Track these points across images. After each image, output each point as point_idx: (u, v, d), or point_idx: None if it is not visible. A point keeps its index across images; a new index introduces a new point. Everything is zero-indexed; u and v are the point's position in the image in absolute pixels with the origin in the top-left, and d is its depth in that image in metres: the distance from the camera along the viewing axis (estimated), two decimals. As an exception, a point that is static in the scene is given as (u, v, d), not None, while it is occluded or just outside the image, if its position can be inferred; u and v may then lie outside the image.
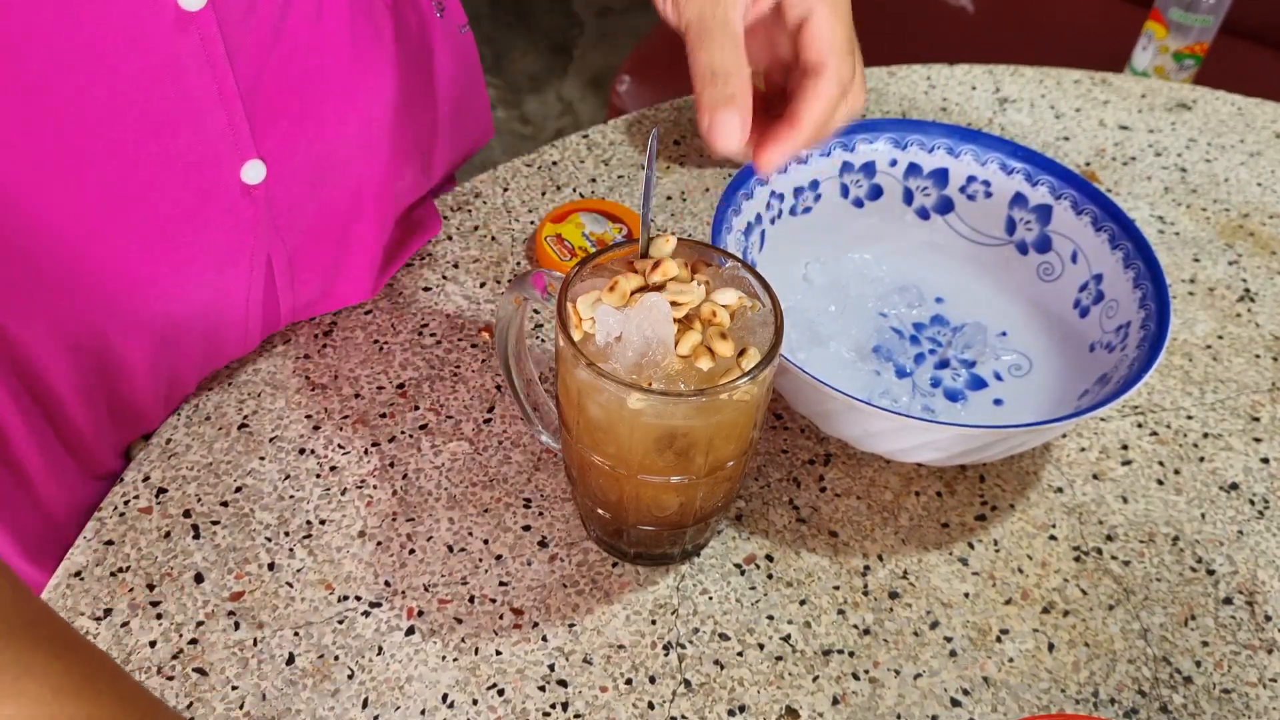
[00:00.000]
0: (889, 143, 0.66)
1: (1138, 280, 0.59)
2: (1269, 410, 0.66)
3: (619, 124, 0.80)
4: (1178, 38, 1.24)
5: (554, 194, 0.74)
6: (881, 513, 0.59)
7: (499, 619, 0.53)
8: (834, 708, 0.51)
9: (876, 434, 0.54)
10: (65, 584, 0.52)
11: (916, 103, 0.86)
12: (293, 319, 0.63)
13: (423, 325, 0.65)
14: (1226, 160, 0.83)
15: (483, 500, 0.57)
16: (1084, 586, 0.56)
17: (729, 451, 0.49)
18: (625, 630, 0.53)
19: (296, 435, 0.59)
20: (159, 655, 0.50)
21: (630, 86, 1.44)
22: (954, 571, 0.56)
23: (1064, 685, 0.53)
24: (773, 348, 0.46)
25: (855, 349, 0.63)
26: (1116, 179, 0.81)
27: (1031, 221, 0.65)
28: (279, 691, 0.49)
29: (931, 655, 0.53)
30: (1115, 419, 0.65)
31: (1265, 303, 0.72)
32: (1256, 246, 0.77)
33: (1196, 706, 0.52)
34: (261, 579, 0.53)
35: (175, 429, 0.59)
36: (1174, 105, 0.88)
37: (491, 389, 0.62)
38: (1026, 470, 0.61)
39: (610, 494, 0.50)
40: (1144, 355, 0.55)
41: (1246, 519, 0.60)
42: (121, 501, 0.56)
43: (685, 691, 0.51)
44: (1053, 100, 0.87)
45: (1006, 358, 0.63)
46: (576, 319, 0.47)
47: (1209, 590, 0.57)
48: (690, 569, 0.55)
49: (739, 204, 0.60)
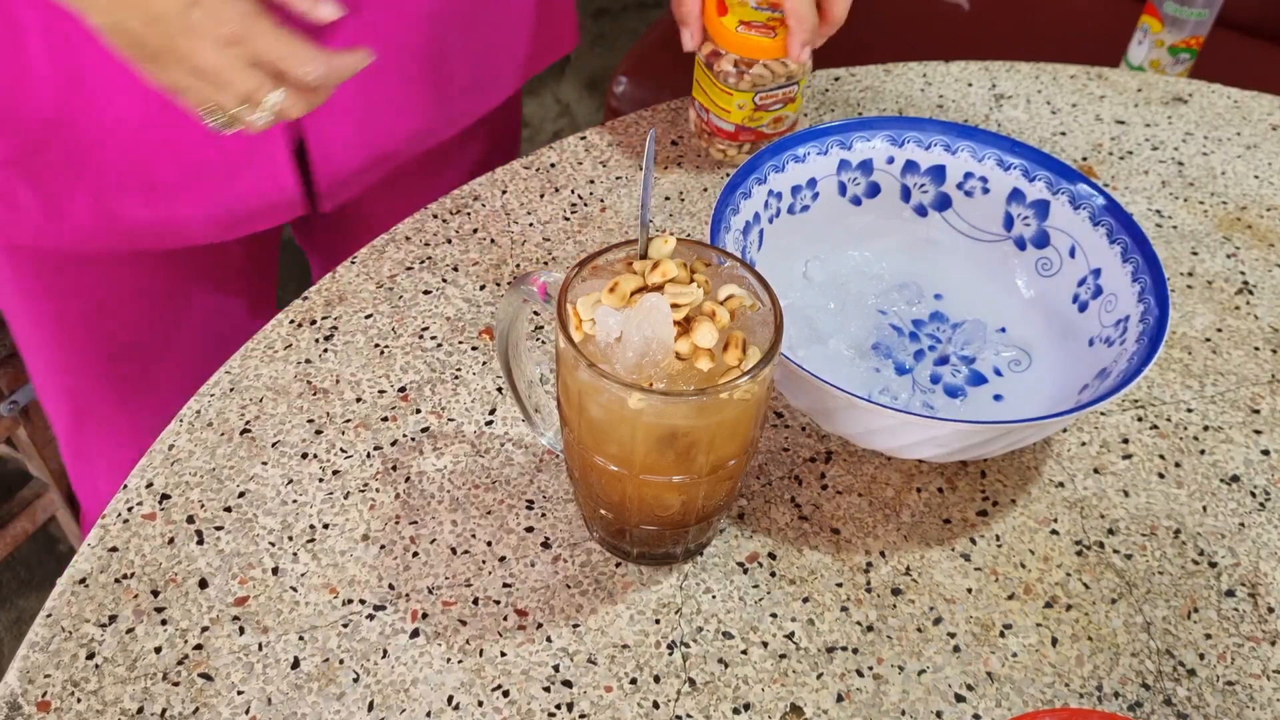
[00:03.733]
0: (886, 140, 0.66)
1: (1136, 274, 0.59)
2: (1269, 402, 0.66)
3: (616, 125, 0.80)
4: (1173, 32, 1.24)
5: (552, 195, 0.74)
6: (883, 509, 0.59)
7: (503, 620, 0.53)
8: (838, 705, 0.51)
9: (877, 431, 0.54)
10: (70, 591, 0.53)
11: (913, 100, 0.86)
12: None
13: (423, 328, 0.65)
14: (1223, 153, 0.84)
15: (485, 502, 0.57)
16: (1086, 580, 0.57)
17: (730, 450, 0.49)
18: (629, 630, 0.53)
19: (299, 440, 0.59)
20: (164, 661, 0.50)
21: (627, 88, 1.44)
22: (956, 567, 0.57)
23: (1068, 679, 0.53)
24: (773, 346, 0.46)
25: (855, 346, 0.63)
26: (1114, 173, 0.81)
27: (1029, 217, 0.65)
28: (284, 696, 0.50)
29: (935, 651, 0.53)
30: (1115, 413, 0.65)
31: (1264, 295, 0.73)
32: (1254, 239, 0.77)
33: (1200, 699, 0.52)
34: (266, 584, 0.53)
35: (178, 435, 0.59)
36: (1170, 99, 0.88)
37: (493, 391, 0.62)
38: (1027, 465, 0.61)
39: (612, 494, 0.51)
40: (1143, 349, 0.55)
41: (1248, 511, 0.60)
42: (125, 508, 0.56)
43: (690, 690, 0.51)
44: (1049, 96, 0.87)
45: (1006, 353, 0.63)
46: (576, 320, 0.47)
47: (1211, 583, 0.57)
48: (693, 568, 0.56)
49: (737, 203, 0.61)
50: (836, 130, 0.65)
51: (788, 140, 0.64)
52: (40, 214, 0.69)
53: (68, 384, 0.83)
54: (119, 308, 0.78)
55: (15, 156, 0.66)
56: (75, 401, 0.84)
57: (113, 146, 0.67)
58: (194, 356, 0.82)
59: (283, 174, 0.71)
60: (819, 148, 0.65)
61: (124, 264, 0.75)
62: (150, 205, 0.70)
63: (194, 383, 0.63)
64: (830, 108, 0.84)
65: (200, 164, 0.69)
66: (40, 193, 0.68)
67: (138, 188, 0.69)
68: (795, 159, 0.64)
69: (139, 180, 0.68)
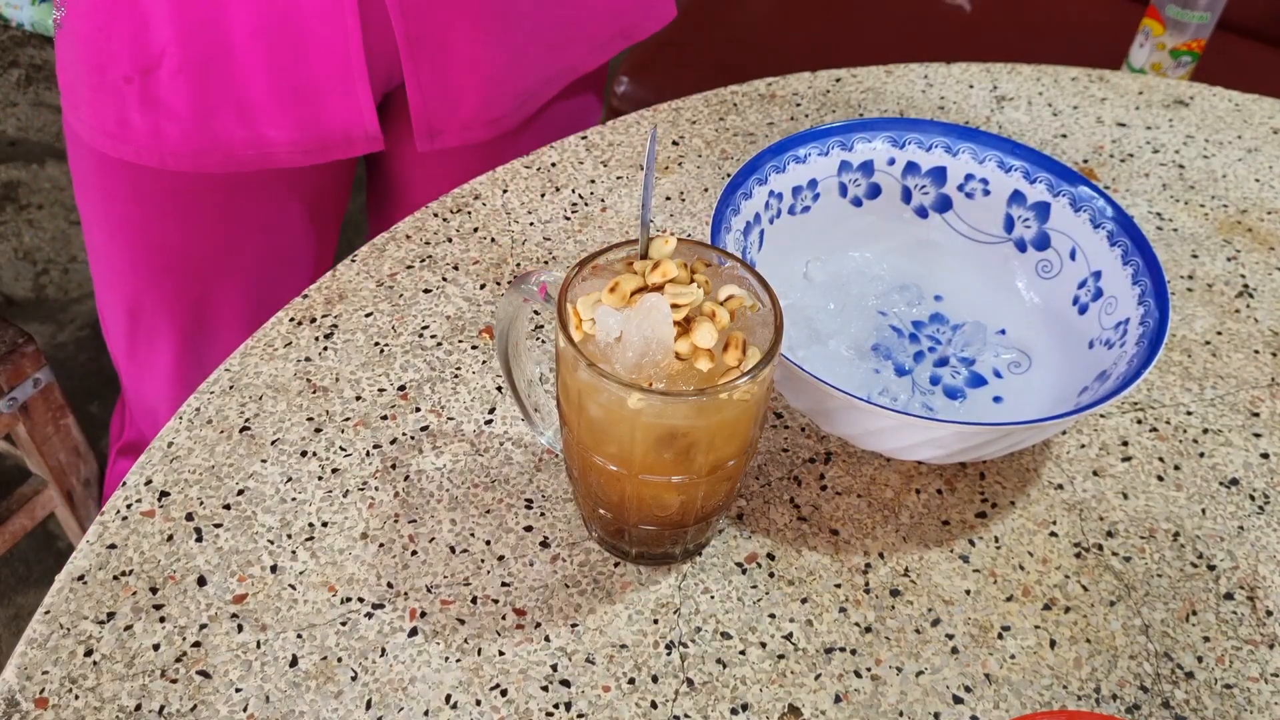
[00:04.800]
0: (887, 142, 0.66)
1: (1136, 277, 0.59)
2: (1268, 405, 0.66)
3: (617, 125, 0.80)
4: (1175, 34, 1.24)
5: (553, 195, 0.74)
6: (882, 511, 0.59)
7: (501, 619, 0.53)
8: (836, 705, 0.51)
9: (876, 432, 0.54)
10: (68, 588, 0.53)
11: (914, 101, 0.86)
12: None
13: (423, 327, 0.65)
14: (1224, 156, 0.84)
15: (484, 501, 0.57)
16: (1085, 583, 0.57)
17: (730, 451, 0.49)
18: (628, 630, 0.53)
19: (298, 438, 0.59)
20: (162, 658, 0.50)
21: (628, 88, 1.44)
22: (955, 569, 0.57)
23: (1066, 681, 0.53)
24: (772, 347, 0.46)
25: (855, 347, 0.63)
26: (1114, 176, 0.81)
27: (1030, 219, 0.65)
28: (282, 694, 0.50)
29: (933, 652, 0.53)
30: (1115, 415, 0.65)
31: (1264, 298, 0.73)
32: (1255, 242, 0.77)
33: (1198, 702, 0.52)
34: (264, 581, 0.53)
35: (177, 432, 0.59)
36: (1171, 102, 0.88)
37: (492, 390, 0.62)
38: (1027, 467, 0.61)
39: (611, 494, 0.51)
40: (1143, 352, 0.55)
41: (1247, 514, 0.60)
42: (124, 505, 0.56)
43: (688, 690, 0.51)
44: (1050, 98, 0.88)
45: (1006, 355, 0.63)
46: (576, 320, 0.47)
47: (1210, 586, 0.57)
48: (692, 568, 0.56)
49: (738, 204, 0.61)
50: (838, 131, 0.65)
51: (789, 141, 0.64)
52: (145, 133, 0.75)
53: (127, 291, 0.88)
54: (186, 223, 0.84)
55: (131, 74, 0.72)
56: (132, 308, 0.90)
57: (212, 67, 0.73)
58: (247, 282, 0.88)
59: (364, 104, 0.77)
60: (820, 148, 0.65)
61: (205, 182, 0.81)
62: (244, 124, 0.76)
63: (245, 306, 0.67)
64: (831, 109, 0.84)
65: (289, 87, 0.75)
66: (148, 113, 0.74)
67: (234, 106, 0.75)
68: (796, 160, 0.64)
69: (236, 99, 0.75)
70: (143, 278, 0.87)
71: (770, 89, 0.86)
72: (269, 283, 0.89)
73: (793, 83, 0.86)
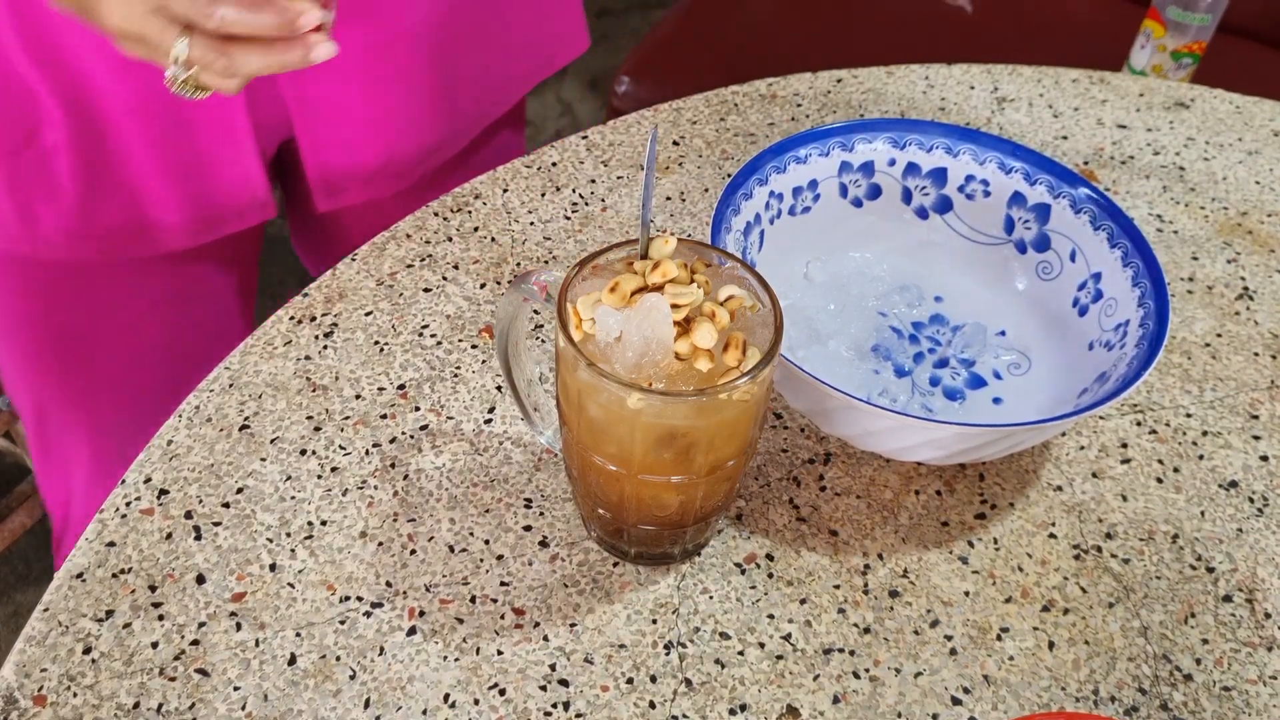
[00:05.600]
0: (887, 142, 0.66)
1: (1136, 279, 0.59)
2: (1268, 408, 0.66)
3: (618, 125, 0.80)
4: (1176, 36, 1.24)
5: (553, 194, 0.74)
6: (881, 511, 0.59)
7: (500, 619, 0.53)
8: (835, 706, 0.51)
9: (876, 433, 0.54)
10: (67, 586, 0.53)
11: (915, 102, 0.86)
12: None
13: (423, 326, 0.65)
14: (1225, 159, 0.84)
15: (484, 500, 0.57)
16: (1084, 584, 0.57)
17: (729, 451, 0.49)
18: (626, 630, 0.53)
19: (297, 436, 0.59)
20: (161, 656, 0.50)
21: (629, 87, 1.44)
22: (954, 570, 0.57)
23: (1064, 683, 0.53)
24: (772, 347, 0.46)
25: (854, 348, 0.63)
26: (1115, 178, 0.81)
27: (1030, 220, 0.65)
28: (281, 692, 0.50)
29: (932, 654, 0.53)
30: (1114, 417, 0.65)
31: (1264, 301, 0.73)
32: (1255, 245, 0.77)
33: (1197, 704, 0.52)
34: (263, 580, 0.53)
35: (176, 430, 0.59)
36: (1172, 104, 0.88)
37: (492, 389, 0.62)
38: (1026, 469, 0.61)
39: (611, 494, 0.51)
40: (1143, 353, 0.55)
41: (1246, 516, 0.60)
42: (123, 503, 0.56)
43: (686, 690, 0.51)
44: (1051, 99, 0.88)
45: (1005, 356, 0.63)
46: (576, 319, 0.47)
47: (1209, 588, 0.57)
48: (691, 568, 0.56)
49: (738, 204, 0.61)
50: (838, 132, 0.65)
51: (789, 141, 0.64)
52: (15, 220, 0.69)
53: (29, 382, 0.83)
54: (80, 311, 0.78)
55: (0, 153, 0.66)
56: (37, 399, 0.84)
57: (88, 146, 0.67)
58: (164, 360, 0.82)
59: (253, 173, 0.72)
60: (820, 149, 0.65)
61: (94, 271, 0.75)
62: (127, 206, 0.70)
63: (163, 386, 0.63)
64: (832, 109, 0.84)
65: (173, 162, 0.69)
66: (16, 199, 0.68)
67: (113, 186, 0.69)
68: (797, 160, 0.64)
69: (113, 180, 0.68)
70: (51, 372, 0.81)
71: (771, 89, 0.86)
72: (188, 355, 0.80)
73: (794, 83, 0.86)
